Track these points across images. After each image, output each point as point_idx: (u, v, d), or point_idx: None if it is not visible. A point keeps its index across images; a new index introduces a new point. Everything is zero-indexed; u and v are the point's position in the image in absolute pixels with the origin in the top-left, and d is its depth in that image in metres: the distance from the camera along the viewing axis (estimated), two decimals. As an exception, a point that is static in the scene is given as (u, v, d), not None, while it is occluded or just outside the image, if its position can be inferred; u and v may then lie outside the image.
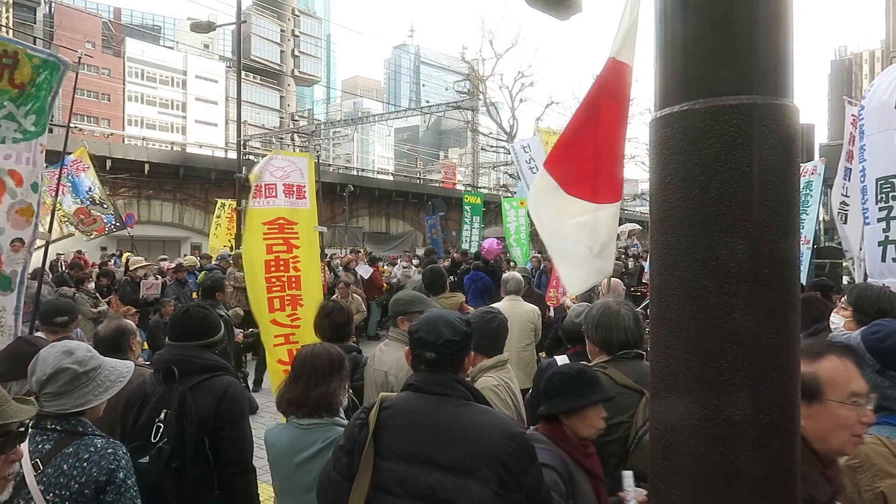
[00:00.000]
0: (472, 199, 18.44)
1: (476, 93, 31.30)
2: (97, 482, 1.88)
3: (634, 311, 2.58)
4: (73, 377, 2.01)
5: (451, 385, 1.88)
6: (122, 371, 2.19)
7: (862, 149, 4.85)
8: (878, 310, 2.53)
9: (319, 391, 2.32)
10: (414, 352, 1.95)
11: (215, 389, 2.54)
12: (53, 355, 2.03)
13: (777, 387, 1.23)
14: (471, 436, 1.77)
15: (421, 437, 1.81)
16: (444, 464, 1.76)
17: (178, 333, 2.70)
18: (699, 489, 1.25)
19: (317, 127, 38.66)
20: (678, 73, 1.35)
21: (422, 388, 1.89)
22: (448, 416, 1.82)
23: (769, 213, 1.23)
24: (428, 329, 1.92)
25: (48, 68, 3.48)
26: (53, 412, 1.98)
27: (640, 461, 2.10)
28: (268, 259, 4.58)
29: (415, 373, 1.96)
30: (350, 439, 1.91)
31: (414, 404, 1.87)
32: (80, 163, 11.10)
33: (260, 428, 6.30)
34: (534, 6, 2.69)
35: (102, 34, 55.64)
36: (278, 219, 4.67)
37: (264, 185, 4.67)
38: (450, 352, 1.90)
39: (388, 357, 3.03)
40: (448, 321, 1.95)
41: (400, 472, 1.80)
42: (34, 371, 2.01)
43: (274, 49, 72.70)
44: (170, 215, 21.99)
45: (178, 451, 2.38)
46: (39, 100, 3.49)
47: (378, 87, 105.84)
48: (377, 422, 1.86)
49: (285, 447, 2.35)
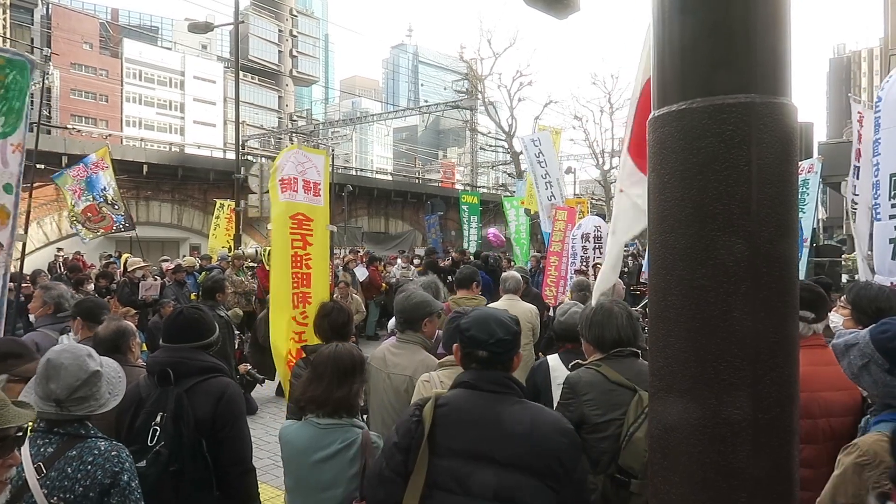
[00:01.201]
0: (469, 199, 18.46)
1: (474, 92, 31.26)
2: (102, 485, 1.88)
3: (628, 309, 2.59)
4: (99, 379, 2.04)
5: (505, 383, 1.91)
6: (116, 367, 2.21)
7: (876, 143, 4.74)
8: (876, 308, 2.53)
9: (342, 392, 2.33)
10: (465, 350, 1.97)
11: (212, 391, 2.51)
12: (74, 360, 2.01)
13: (776, 386, 1.23)
14: (528, 432, 1.80)
15: (479, 434, 1.83)
16: (503, 460, 1.78)
17: (172, 335, 2.68)
18: (698, 488, 1.25)
19: (315, 127, 38.66)
20: (676, 72, 1.35)
21: (477, 386, 1.91)
22: (505, 413, 1.84)
23: (768, 212, 1.23)
24: (480, 328, 1.93)
25: (15, 68, 3.40)
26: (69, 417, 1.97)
27: (631, 458, 2.13)
28: (291, 254, 4.57)
29: (466, 371, 1.98)
30: (407, 436, 1.90)
31: (471, 402, 1.89)
32: (102, 161, 11.31)
33: (260, 428, 6.30)
34: (532, 5, 2.67)
35: (100, 35, 55.49)
36: (298, 214, 4.67)
37: (290, 179, 4.65)
38: (501, 350, 1.92)
39: (406, 361, 2.99)
40: (499, 320, 1.97)
41: (458, 469, 1.81)
42: (56, 378, 1.98)
43: (272, 49, 72.61)
44: (168, 216, 21.95)
45: (175, 454, 2.37)
46: (8, 100, 3.41)
47: (376, 86, 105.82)
48: (432, 419, 1.88)
49: (303, 445, 2.35)
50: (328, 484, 2.30)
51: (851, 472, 1.71)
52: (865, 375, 1.80)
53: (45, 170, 14.15)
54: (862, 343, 1.81)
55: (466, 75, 32.63)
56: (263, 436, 6.10)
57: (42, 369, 2.02)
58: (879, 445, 1.70)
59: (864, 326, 2.35)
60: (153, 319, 7.80)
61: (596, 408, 2.29)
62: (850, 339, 1.86)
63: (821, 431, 2.27)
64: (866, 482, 1.67)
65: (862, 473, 1.69)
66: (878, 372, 1.76)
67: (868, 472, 1.68)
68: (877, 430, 1.78)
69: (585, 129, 32.30)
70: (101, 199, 11.18)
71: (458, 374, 2.01)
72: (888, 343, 1.75)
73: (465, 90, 33.85)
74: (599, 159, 32.45)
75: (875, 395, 1.83)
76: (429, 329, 3.16)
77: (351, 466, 2.32)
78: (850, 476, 1.71)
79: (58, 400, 1.95)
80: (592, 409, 2.29)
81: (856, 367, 1.82)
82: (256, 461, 2.71)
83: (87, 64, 52.52)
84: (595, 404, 2.29)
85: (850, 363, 1.84)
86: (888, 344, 1.75)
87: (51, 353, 2.06)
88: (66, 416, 1.96)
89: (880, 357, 1.76)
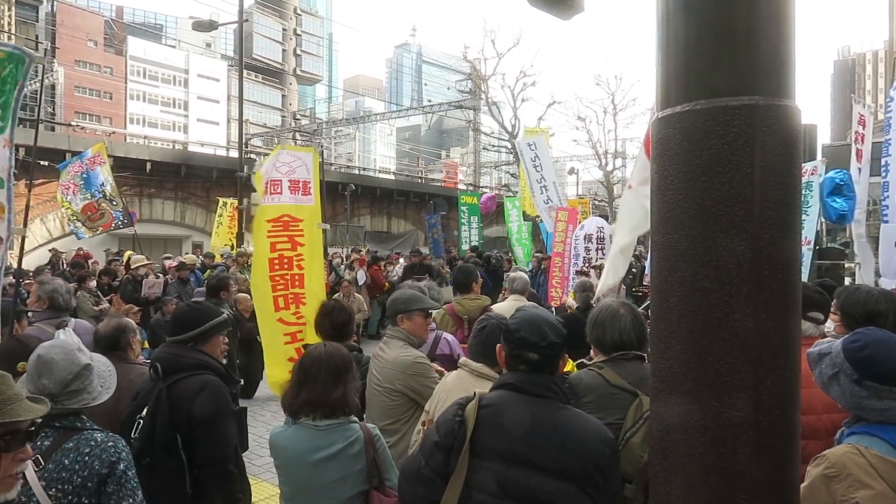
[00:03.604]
0: (469, 199, 18.40)
1: (478, 92, 31.24)
2: (99, 475, 1.90)
3: (635, 312, 2.53)
4: (91, 372, 2.07)
5: (550, 387, 1.88)
6: (105, 361, 2.24)
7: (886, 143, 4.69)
8: (864, 312, 2.49)
9: (338, 392, 2.30)
10: (514, 351, 1.92)
11: (189, 388, 2.50)
12: (65, 355, 2.04)
13: (777, 388, 1.23)
14: (572, 439, 1.79)
15: (522, 438, 1.80)
16: (545, 466, 1.76)
17: (169, 330, 2.74)
18: (699, 490, 1.25)
19: (318, 126, 38.70)
20: (679, 74, 1.34)
21: (522, 389, 1.87)
22: (550, 418, 1.82)
23: (770, 214, 1.23)
24: (531, 330, 1.90)
25: (13, 61, 3.39)
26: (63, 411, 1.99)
27: (626, 462, 2.10)
28: (272, 257, 4.58)
29: (511, 372, 1.94)
30: (449, 436, 1.87)
31: (516, 405, 1.86)
32: (98, 157, 11.34)
33: (261, 426, 6.30)
34: (536, 6, 2.67)
35: (105, 33, 55.58)
36: (283, 216, 4.67)
37: (271, 181, 4.66)
38: (552, 354, 1.90)
39: (388, 355, 3.07)
40: (550, 323, 1.94)
41: (500, 472, 1.79)
42: (48, 373, 2.00)
43: (276, 48, 72.66)
44: (171, 214, 21.97)
45: (147, 447, 2.37)
46: (4, 94, 3.39)
47: (380, 86, 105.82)
48: (475, 420, 1.85)
49: (301, 448, 2.31)
50: (333, 482, 2.28)
51: (819, 484, 1.69)
52: (834, 385, 1.79)
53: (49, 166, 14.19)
54: (834, 352, 1.80)
55: (470, 75, 32.58)
56: (264, 434, 6.05)
57: (33, 365, 2.04)
58: (848, 458, 1.68)
59: None
60: (155, 317, 7.83)
61: (594, 410, 2.27)
62: (823, 348, 1.85)
63: (823, 428, 2.27)
64: (834, 494, 1.66)
65: (830, 486, 1.67)
66: (847, 382, 1.75)
67: (835, 485, 1.66)
68: (848, 442, 1.76)
69: (588, 130, 32.19)
70: (100, 195, 11.22)
71: (503, 375, 1.98)
72: (857, 353, 1.74)
73: (469, 90, 33.82)
74: (602, 160, 32.40)
75: (845, 405, 1.82)
76: (407, 325, 3.18)
77: (356, 462, 2.31)
78: (817, 488, 1.69)
79: (51, 394, 1.97)
80: (591, 412, 2.28)
81: (826, 377, 1.81)
82: (256, 459, 2.71)
83: (92, 61, 52.62)
84: (594, 407, 2.26)
85: (820, 372, 1.83)
86: (857, 353, 1.74)
87: (41, 349, 2.09)
88: (60, 411, 1.98)
89: (849, 367, 1.75)
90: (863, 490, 1.62)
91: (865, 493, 1.62)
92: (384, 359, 3.08)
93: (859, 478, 1.64)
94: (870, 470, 1.65)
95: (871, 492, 1.61)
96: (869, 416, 1.75)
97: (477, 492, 1.81)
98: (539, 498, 1.75)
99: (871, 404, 1.73)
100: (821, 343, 1.92)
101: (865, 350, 1.73)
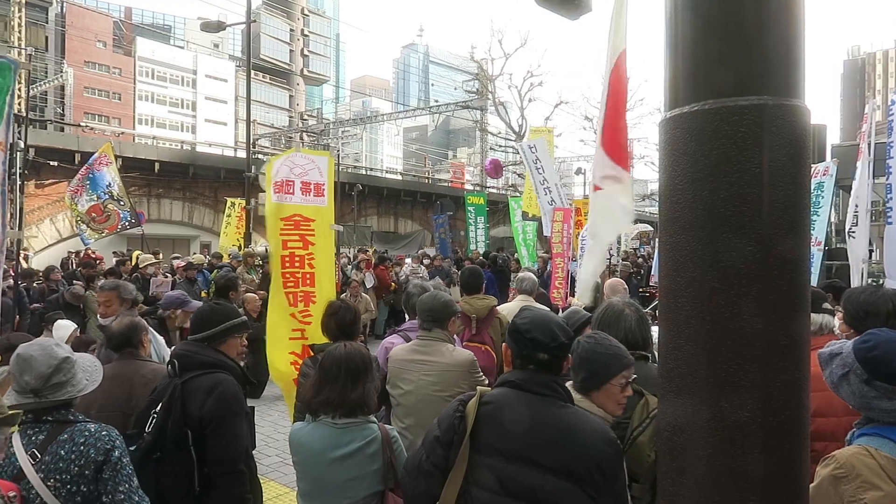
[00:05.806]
0: (475, 200, 18.31)
1: (485, 92, 31.26)
2: (95, 462, 1.97)
3: (640, 312, 2.55)
4: (72, 365, 2.13)
5: (552, 386, 1.89)
6: (89, 357, 2.32)
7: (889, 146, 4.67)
8: (864, 313, 2.50)
9: (357, 392, 2.33)
10: (524, 352, 1.93)
11: (203, 387, 2.51)
12: (42, 350, 2.10)
13: (786, 389, 1.22)
14: (573, 438, 1.79)
15: (523, 435, 1.81)
16: (546, 464, 1.77)
17: (190, 329, 2.80)
18: (707, 490, 1.25)
19: (326, 126, 38.79)
20: (688, 74, 1.34)
21: (524, 387, 1.89)
22: (551, 416, 1.83)
23: (779, 215, 1.23)
24: (543, 331, 1.91)
25: (2, 70, 3.51)
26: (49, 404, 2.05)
27: (633, 461, 2.10)
28: (283, 254, 4.63)
29: (515, 370, 1.96)
30: (449, 431, 1.91)
31: (517, 402, 1.88)
32: (105, 157, 11.41)
33: (268, 426, 6.33)
34: (543, 6, 2.67)
35: (113, 34, 55.90)
36: (294, 215, 4.71)
37: (283, 181, 4.70)
38: (560, 354, 1.92)
39: (442, 358, 3.06)
40: (559, 324, 1.97)
41: (500, 468, 1.81)
42: (29, 370, 2.05)
43: (283, 48, 72.86)
44: (179, 214, 22.08)
45: (157, 442, 2.40)
46: None
47: (387, 86, 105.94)
48: (476, 416, 1.88)
49: (320, 445, 2.34)
50: (349, 480, 2.30)
51: (828, 485, 1.68)
52: (844, 385, 1.78)
53: (59, 167, 14.29)
54: (845, 353, 1.80)
55: (477, 75, 32.61)
56: (272, 433, 6.10)
57: (14, 365, 2.11)
58: (857, 459, 1.67)
59: (857, 331, 2.34)
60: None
61: None
62: (835, 349, 1.85)
63: (844, 430, 2.23)
64: (842, 495, 1.65)
65: (838, 487, 1.66)
66: (857, 382, 1.75)
67: (844, 486, 1.65)
68: (858, 443, 1.75)
69: (596, 130, 32.09)
70: (107, 196, 11.28)
71: (506, 373, 2.00)
72: (867, 353, 1.74)
73: (476, 90, 33.84)
74: (609, 160, 32.24)
75: (854, 406, 1.81)
76: (452, 329, 3.24)
77: (373, 462, 2.33)
78: (825, 488, 1.68)
79: (34, 390, 2.04)
80: None
81: (836, 377, 1.81)
82: (264, 458, 2.72)
83: (101, 62, 52.95)
84: None
85: (831, 372, 1.83)
86: (867, 354, 1.74)
87: (20, 349, 2.15)
88: (46, 404, 2.05)
89: (859, 367, 1.74)
90: (872, 491, 1.61)
91: (874, 494, 1.61)
92: (439, 362, 3.02)
93: (868, 479, 1.63)
94: (879, 471, 1.64)
95: (879, 493, 1.61)
96: (878, 416, 1.74)
97: (477, 488, 1.83)
98: (538, 496, 1.76)
99: (881, 405, 1.72)
100: (832, 344, 1.92)
101: (876, 350, 1.73)
